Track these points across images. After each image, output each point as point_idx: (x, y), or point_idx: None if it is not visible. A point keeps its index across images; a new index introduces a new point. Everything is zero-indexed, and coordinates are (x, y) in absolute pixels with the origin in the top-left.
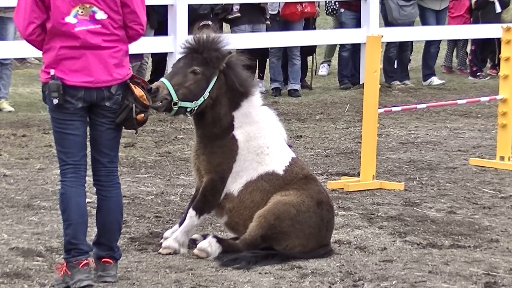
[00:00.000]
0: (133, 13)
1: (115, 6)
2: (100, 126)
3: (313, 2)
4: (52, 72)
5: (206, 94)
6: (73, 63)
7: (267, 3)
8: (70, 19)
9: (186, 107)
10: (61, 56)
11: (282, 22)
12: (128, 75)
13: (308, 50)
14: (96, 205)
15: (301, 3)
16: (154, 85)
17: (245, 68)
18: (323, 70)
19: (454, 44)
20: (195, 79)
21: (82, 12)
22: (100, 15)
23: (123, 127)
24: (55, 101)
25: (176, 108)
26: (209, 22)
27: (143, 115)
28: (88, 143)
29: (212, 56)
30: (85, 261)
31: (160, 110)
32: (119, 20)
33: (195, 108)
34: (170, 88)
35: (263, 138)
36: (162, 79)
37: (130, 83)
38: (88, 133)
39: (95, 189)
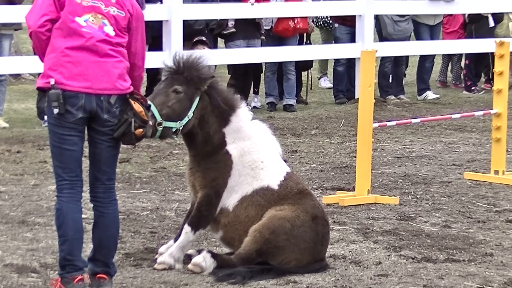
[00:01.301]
0: (133, 36)
1: (124, 31)
2: (100, 144)
3: (306, 18)
4: (52, 81)
5: (190, 114)
6: (74, 67)
7: (262, 19)
8: (80, 20)
9: (171, 127)
10: (63, 58)
11: (277, 37)
12: (129, 89)
13: (305, 65)
14: (91, 221)
15: (293, 19)
16: None
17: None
18: (326, 83)
19: (448, 58)
20: (177, 98)
21: (93, 20)
22: (109, 29)
23: (121, 143)
24: (56, 110)
25: (161, 128)
26: (204, 38)
27: (141, 130)
28: (84, 159)
29: (193, 76)
30: (80, 277)
31: (147, 134)
32: (125, 42)
33: (180, 129)
34: (153, 109)
35: (258, 153)
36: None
37: (130, 98)
38: (86, 149)
39: (92, 205)
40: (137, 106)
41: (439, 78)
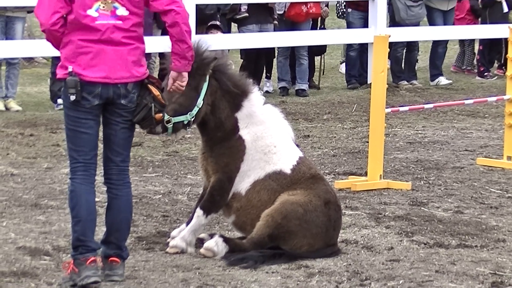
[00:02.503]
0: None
1: (138, 3)
2: (115, 125)
3: (318, 2)
4: (70, 68)
5: (200, 102)
6: (91, 58)
7: (274, 3)
8: (91, 12)
9: (182, 121)
10: (79, 50)
11: (289, 22)
12: (145, 75)
13: (318, 50)
14: (104, 204)
15: (306, 3)
16: None
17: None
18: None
19: (462, 44)
20: (182, 92)
21: (103, 7)
22: (121, 11)
23: (140, 127)
24: (72, 97)
25: (171, 125)
26: (217, 23)
27: (161, 114)
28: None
29: (197, 64)
30: (92, 258)
31: (158, 133)
32: (140, 18)
33: (192, 120)
34: None
35: (270, 138)
36: None
37: (148, 84)
38: (101, 131)
39: (106, 187)
40: (154, 90)
41: (455, 63)
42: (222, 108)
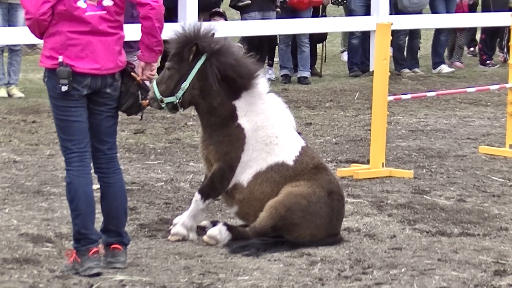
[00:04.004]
0: None
1: None
2: (99, 114)
3: None
4: (61, 58)
5: (186, 85)
6: (80, 50)
7: None
8: (81, 3)
9: (172, 101)
10: (69, 41)
11: (290, 9)
12: (126, 62)
13: (319, 38)
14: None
15: None
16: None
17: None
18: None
19: (452, 38)
20: (169, 74)
21: None
22: (107, 1)
23: (127, 114)
24: (64, 88)
25: (164, 104)
26: (220, 10)
27: (147, 100)
28: None
29: (183, 48)
30: (95, 249)
31: (154, 106)
32: (122, 7)
33: (179, 101)
34: (154, 87)
35: (272, 128)
36: (153, 80)
37: (131, 71)
38: None
39: (97, 176)
40: (137, 77)
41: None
42: (213, 93)
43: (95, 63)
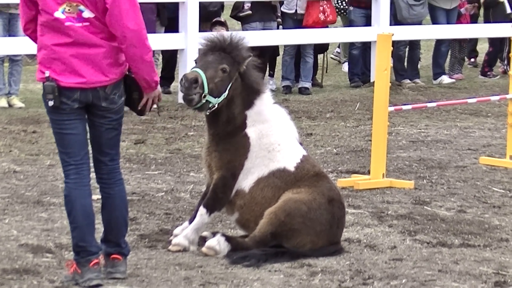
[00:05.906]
0: (112, 16)
1: (101, 6)
2: (99, 126)
3: (334, 8)
4: (47, 73)
5: (226, 93)
6: (65, 64)
7: (278, 1)
8: (58, 14)
9: (211, 102)
10: (53, 55)
11: (298, 21)
12: (124, 73)
13: (321, 48)
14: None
15: (323, 11)
16: (193, 75)
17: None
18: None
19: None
20: (222, 77)
21: (69, 9)
22: (87, 13)
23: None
24: (51, 103)
25: (204, 100)
26: (222, 19)
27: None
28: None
29: (239, 57)
30: (95, 261)
31: (192, 103)
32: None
33: (216, 105)
34: (204, 80)
35: (275, 136)
36: (198, 70)
37: (133, 78)
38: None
39: (99, 186)
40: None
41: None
42: (236, 104)
43: (79, 77)
